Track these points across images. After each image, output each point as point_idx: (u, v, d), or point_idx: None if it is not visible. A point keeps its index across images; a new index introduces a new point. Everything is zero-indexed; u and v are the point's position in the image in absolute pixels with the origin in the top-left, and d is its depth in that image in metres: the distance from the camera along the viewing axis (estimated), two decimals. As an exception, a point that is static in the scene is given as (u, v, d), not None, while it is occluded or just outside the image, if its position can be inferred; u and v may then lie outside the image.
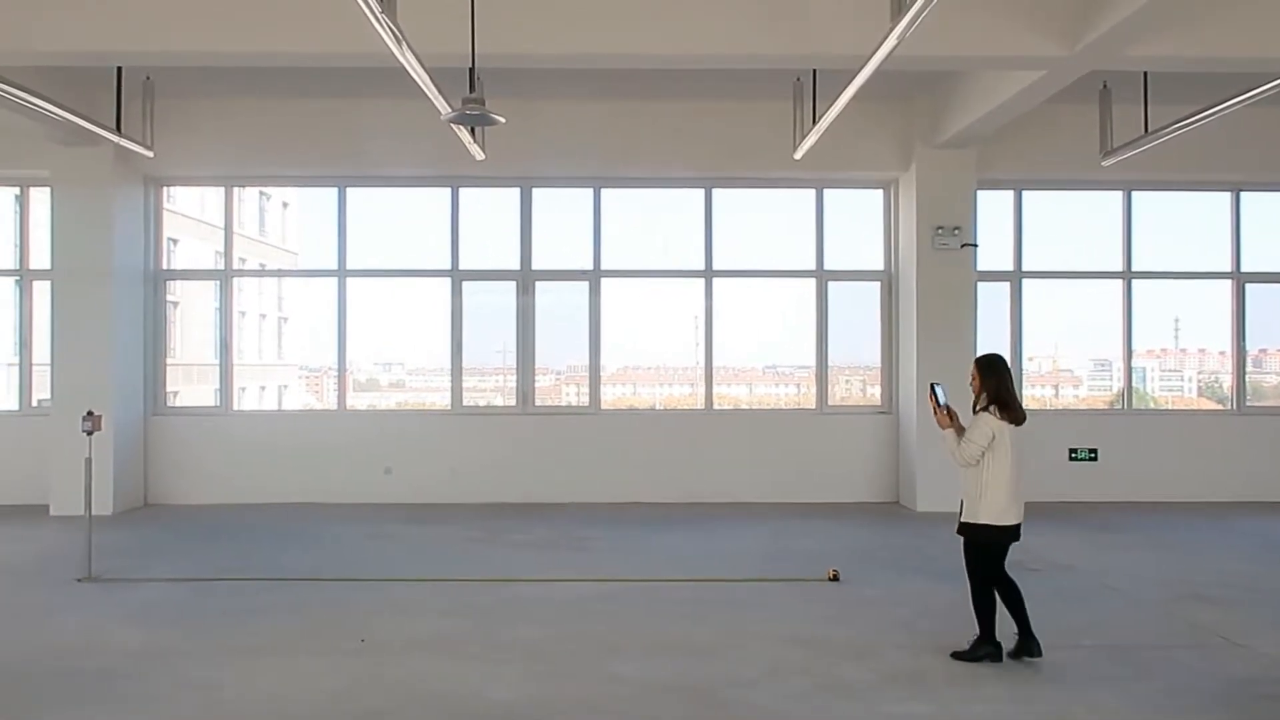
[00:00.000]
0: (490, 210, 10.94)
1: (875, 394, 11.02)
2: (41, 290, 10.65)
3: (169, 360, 10.97)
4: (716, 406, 10.90)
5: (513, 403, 10.81)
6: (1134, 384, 11.25)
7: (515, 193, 10.73)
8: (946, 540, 8.48)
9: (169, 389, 10.97)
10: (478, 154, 8.31)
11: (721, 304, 10.86)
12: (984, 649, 5.17)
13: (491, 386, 11.32)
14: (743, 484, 10.46)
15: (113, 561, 7.47)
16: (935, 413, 5.25)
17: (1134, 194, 10.80)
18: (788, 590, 6.82)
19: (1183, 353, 11.97)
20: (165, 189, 10.93)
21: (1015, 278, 10.75)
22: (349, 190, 10.72)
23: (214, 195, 11.24)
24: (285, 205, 27.29)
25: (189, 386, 12.98)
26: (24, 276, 10.88)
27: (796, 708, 4.56)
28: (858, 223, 11.03)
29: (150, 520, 9.59)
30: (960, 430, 5.22)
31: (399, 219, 11.46)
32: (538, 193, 10.77)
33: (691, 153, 10.24)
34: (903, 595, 6.66)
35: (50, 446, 9.66)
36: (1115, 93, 8.62)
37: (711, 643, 5.56)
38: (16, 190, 11.00)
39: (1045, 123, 9.81)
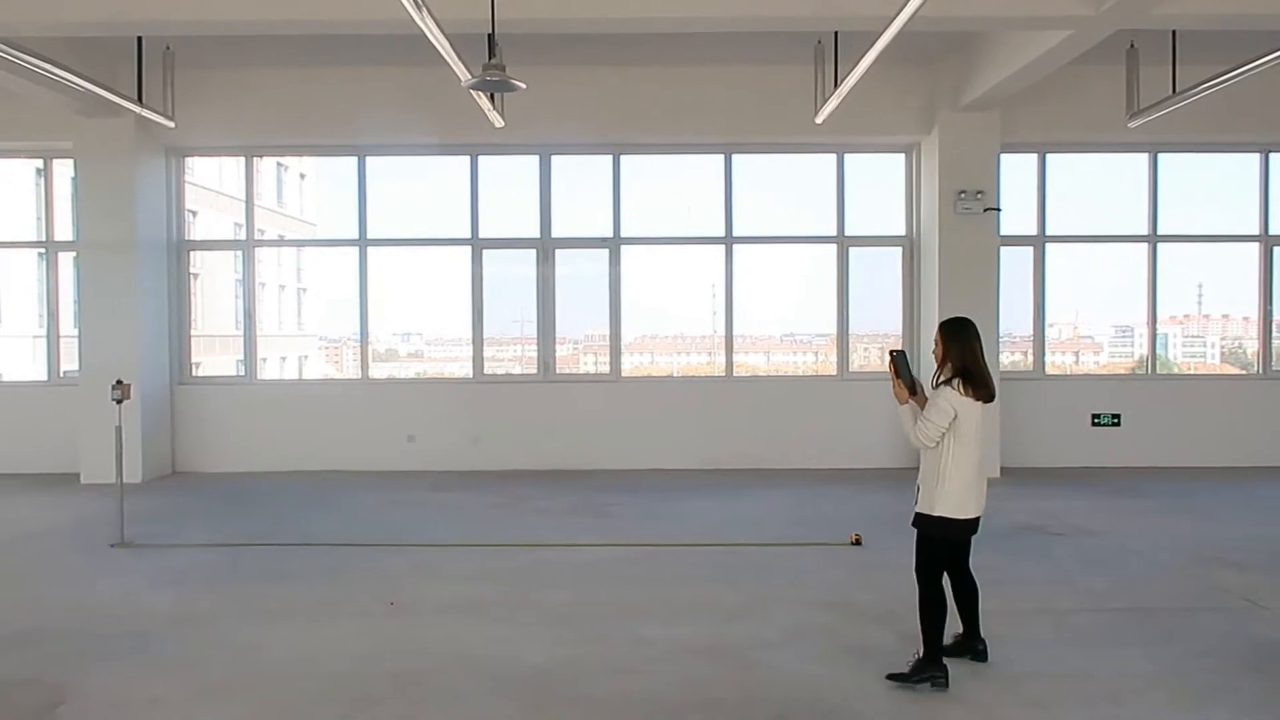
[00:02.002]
0: (509, 178, 10.93)
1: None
2: (66, 262, 10.76)
3: (192, 331, 11.06)
4: (737, 373, 10.92)
5: (533, 371, 10.86)
6: (1156, 351, 11.17)
7: (534, 160, 10.71)
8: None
9: (193, 359, 11.08)
10: (497, 121, 8.29)
11: (741, 271, 10.83)
12: (928, 671, 4.35)
13: (511, 356, 11.37)
14: (764, 450, 10.49)
15: (144, 527, 7.61)
16: (894, 385, 4.56)
17: (1160, 156, 10.66)
18: (810, 554, 6.86)
19: (1205, 319, 11.86)
20: (186, 159, 10.97)
21: (1039, 242, 10.66)
22: (368, 159, 10.72)
23: (232, 167, 11.28)
24: (302, 177, 27.33)
25: (211, 357, 13.10)
26: (49, 248, 10.97)
27: (820, 669, 4.61)
28: (879, 188, 10.95)
29: (179, 487, 9.73)
30: (924, 404, 4.49)
31: (418, 188, 11.47)
32: (557, 160, 10.74)
33: (711, 118, 10.17)
34: (925, 559, 6.67)
35: (79, 416, 9.80)
36: (1142, 53, 8.48)
37: (736, 606, 5.61)
38: (40, 162, 11.08)
39: (1070, 84, 9.67)
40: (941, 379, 4.39)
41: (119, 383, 7.24)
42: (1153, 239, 10.73)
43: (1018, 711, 4.11)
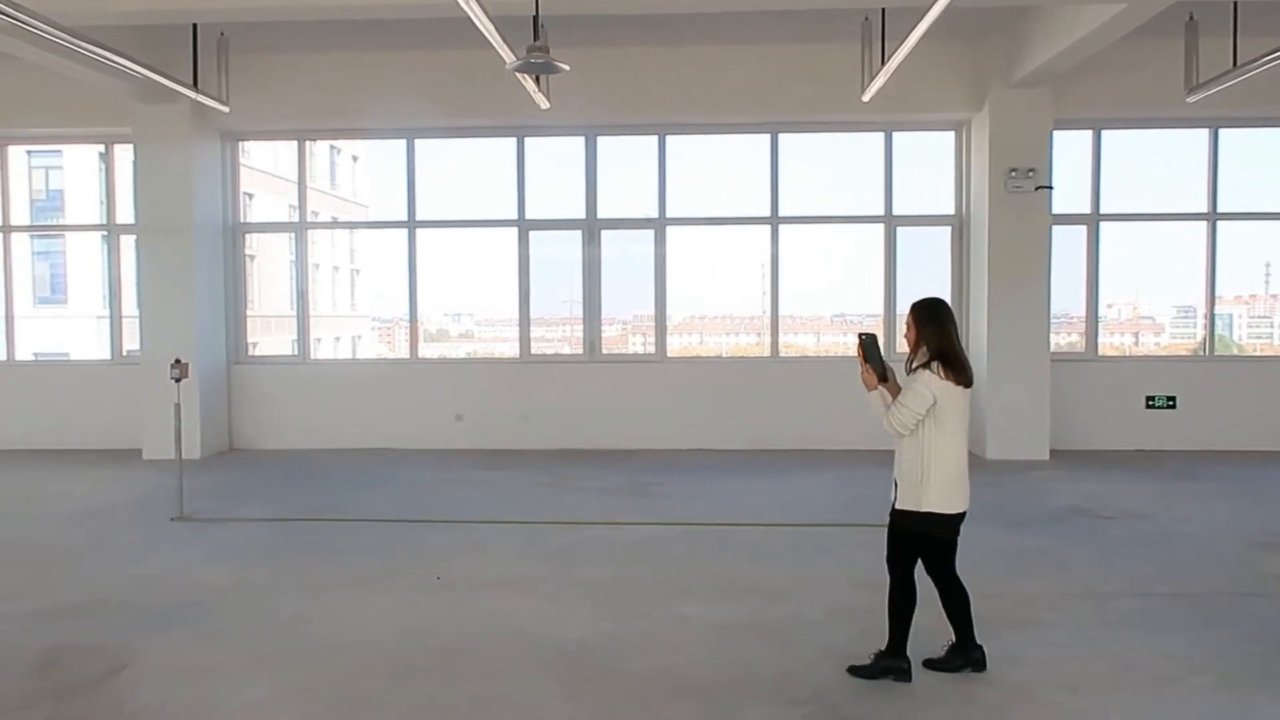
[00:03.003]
0: (556, 159, 10.99)
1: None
2: (128, 244, 11.07)
3: (248, 312, 11.33)
4: (783, 354, 10.89)
5: (580, 351, 10.95)
6: (1220, 331, 10.89)
7: (580, 141, 10.75)
8: (1015, 487, 8.47)
9: (249, 339, 11.36)
10: (542, 103, 8.34)
11: (787, 251, 10.78)
12: (888, 663, 4.21)
13: (559, 336, 11.48)
14: (809, 431, 10.47)
15: (203, 502, 7.86)
16: (861, 370, 4.29)
17: (1221, 131, 10.35)
18: (854, 535, 6.86)
19: (1273, 299, 11.54)
20: (241, 144, 11.20)
21: (1092, 221, 10.43)
22: (417, 142, 10.85)
23: (287, 151, 11.50)
24: (355, 159, 27.71)
25: (268, 337, 13.42)
26: (111, 232, 11.30)
27: (861, 648, 4.61)
28: (928, 166, 10.80)
29: (235, 464, 10.01)
30: (896, 392, 4.23)
31: (466, 170, 11.59)
32: (603, 141, 10.77)
33: (757, 97, 10.11)
34: (968, 541, 6.49)
35: (141, 394, 10.11)
36: (1202, 25, 8.23)
37: (777, 585, 5.65)
38: (102, 147, 11.40)
39: (1126, 58, 9.42)
40: (917, 363, 4.12)
41: (178, 362, 7.47)
42: (1212, 217, 10.44)
43: (1057, 695, 4.10)
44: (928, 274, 10.79)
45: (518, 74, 6.99)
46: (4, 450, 10.70)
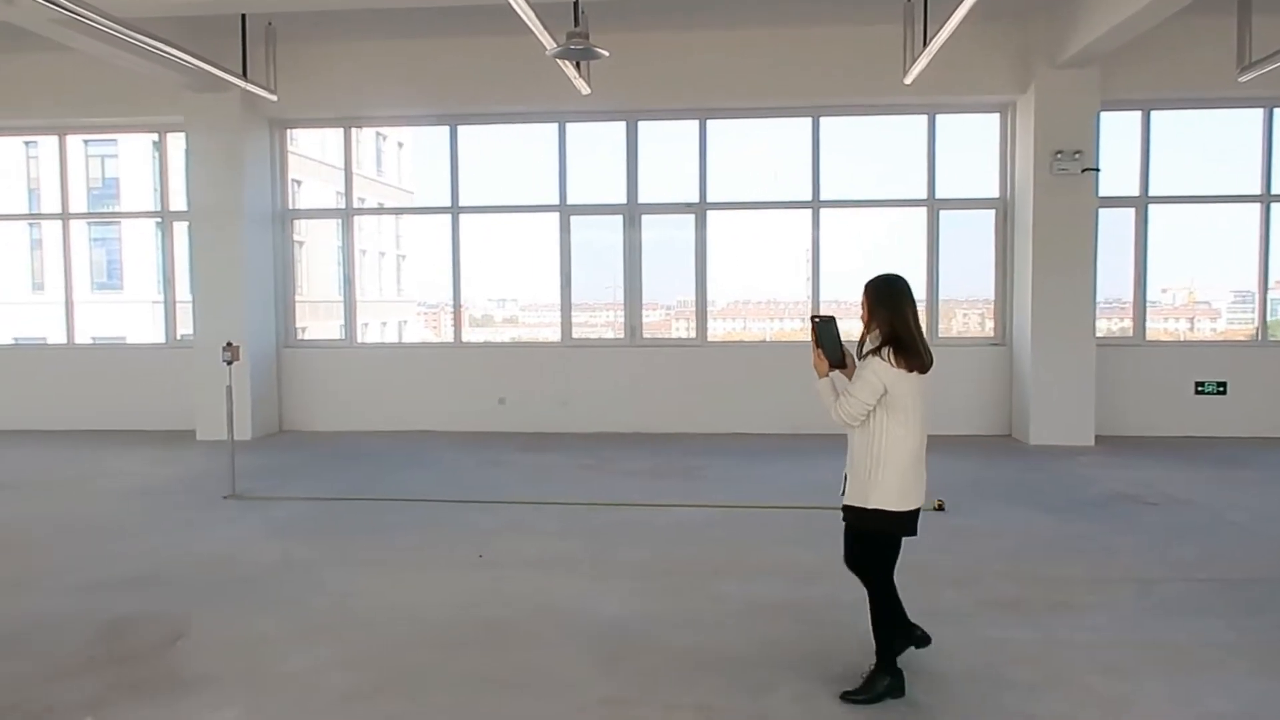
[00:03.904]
0: (597, 144, 11.05)
1: (988, 326, 10.79)
2: (181, 231, 11.35)
3: (297, 297, 11.58)
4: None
5: (621, 336, 11.03)
6: (1275, 316, 10.65)
7: (621, 126, 10.79)
8: (1058, 473, 8.41)
9: (297, 324, 11.60)
10: (583, 89, 8.41)
11: (829, 235, 10.74)
12: (883, 682, 3.90)
13: (603, 321, 11.57)
14: (849, 416, 10.43)
15: (253, 481, 8.08)
16: (813, 355, 3.96)
17: (1275, 111, 10.10)
18: (891, 519, 6.85)
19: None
20: (289, 131, 11.41)
21: (1141, 203, 10.25)
22: (460, 128, 10.97)
23: (334, 138, 11.69)
24: (400, 146, 28.01)
25: (316, 322, 13.69)
26: (165, 218, 11.59)
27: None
28: (971, 149, 10.69)
29: (285, 445, 10.26)
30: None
31: (509, 155, 11.70)
32: (643, 126, 10.80)
33: (798, 80, 10.07)
34: (1008, 526, 6.63)
35: (194, 376, 10.39)
36: (1255, 1, 8.05)
37: (814, 567, 5.68)
38: (155, 136, 11.67)
39: (1176, 37, 9.24)
40: (869, 348, 3.80)
41: (229, 345, 7.68)
42: (1266, 199, 10.21)
43: (1093, 677, 4.10)
44: (971, 258, 10.70)
45: (558, 60, 7.06)
46: (65, 431, 11.08)
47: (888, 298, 3.81)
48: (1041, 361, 9.78)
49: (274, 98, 9.40)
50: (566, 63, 7.62)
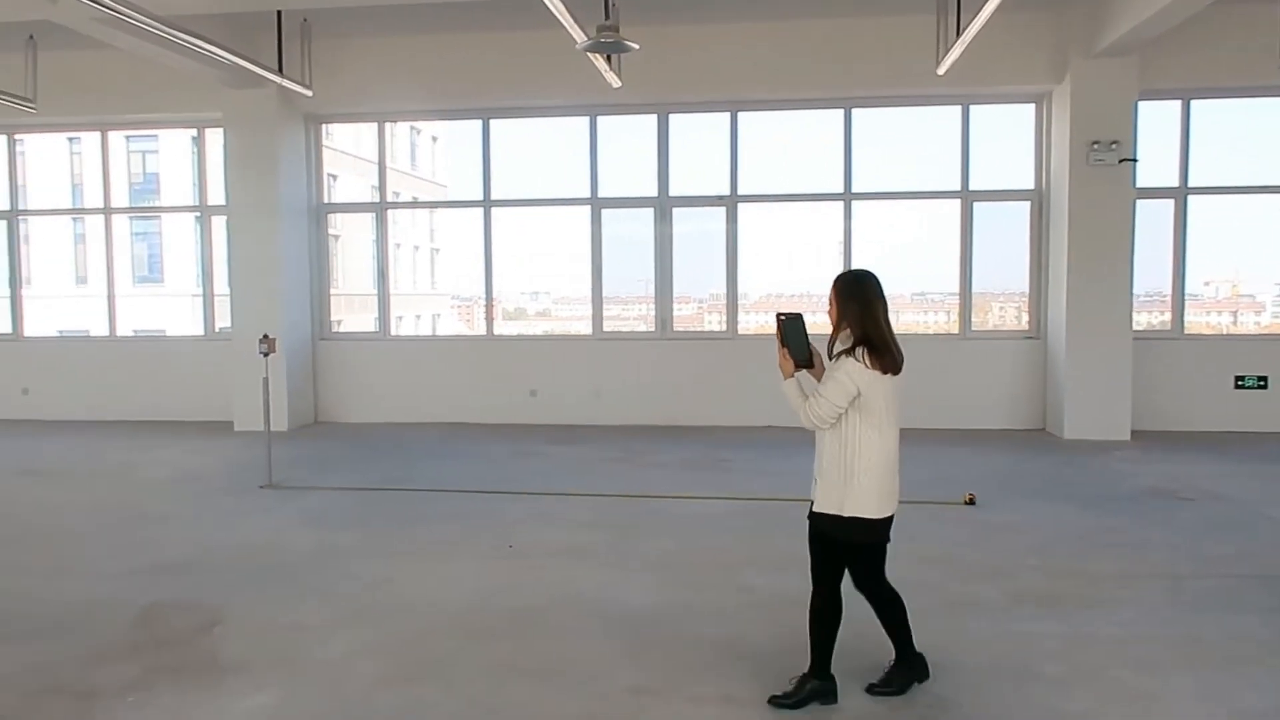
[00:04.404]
0: (628, 137, 11.07)
1: (1024, 319, 10.68)
2: (219, 225, 11.53)
3: (332, 290, 11.72)
4: (855, 332, 10.81)
5: (653, 329, 11.06)
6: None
7: (652, 119, 10.80)
8: (1092, 468, 8.33)
9: (332, 317, 11.76)
10: (614, 82, 8.42)
11: (862, 228, 10.68)
12: (813, 686, 3.76)
13: (635, 314, 11.60)
14: (881, 409, 10.39)
15: (290, 471, 8.22)
16: (778, 354, 3.80)
17: (1321, 100, 9.91)
18: (922, 513, 6.81)
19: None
20: (324, 126, 11.54)
21: (1180, 194, 10.08)
22: (492, 122, 11.04)
23: (368, 132, 11.82)
24: (434, 140, 28.19)
25: (350, 315, 13.86)
26: (204, 213, 11.78)
27: (924, 622, 4.62)
28: (1006, 140, 10.57)
29: (321, 436, 10.41)
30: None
31: (540, 149, 11.76)
32: (674, 118, 10.80)
33: (830, 72, 10.01)
34: (1041, 520, 6.58)
35: (232, 368, 10.57)
36: (1299, -12, 7.90)
37: (841, 559, 5.68)
38: (194, 132, 11.86)
39: (1217, 25, 9.07)
40: (840, 348, 3.63)
41: (265, 337, 7.81)
42: (1309, 189, 10.01)
43: (1124, 673, 4.07)
44: (1005, 250, 10.60)
45: (588, 53, 7.08)
46: (107, 421, 11.32)
47: (858, 295, 3.64)
48: (1077, 355, 9.67)
49: (309, 93, 9.53)
50: (597, 56, 7.65)
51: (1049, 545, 5.98)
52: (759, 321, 11.61)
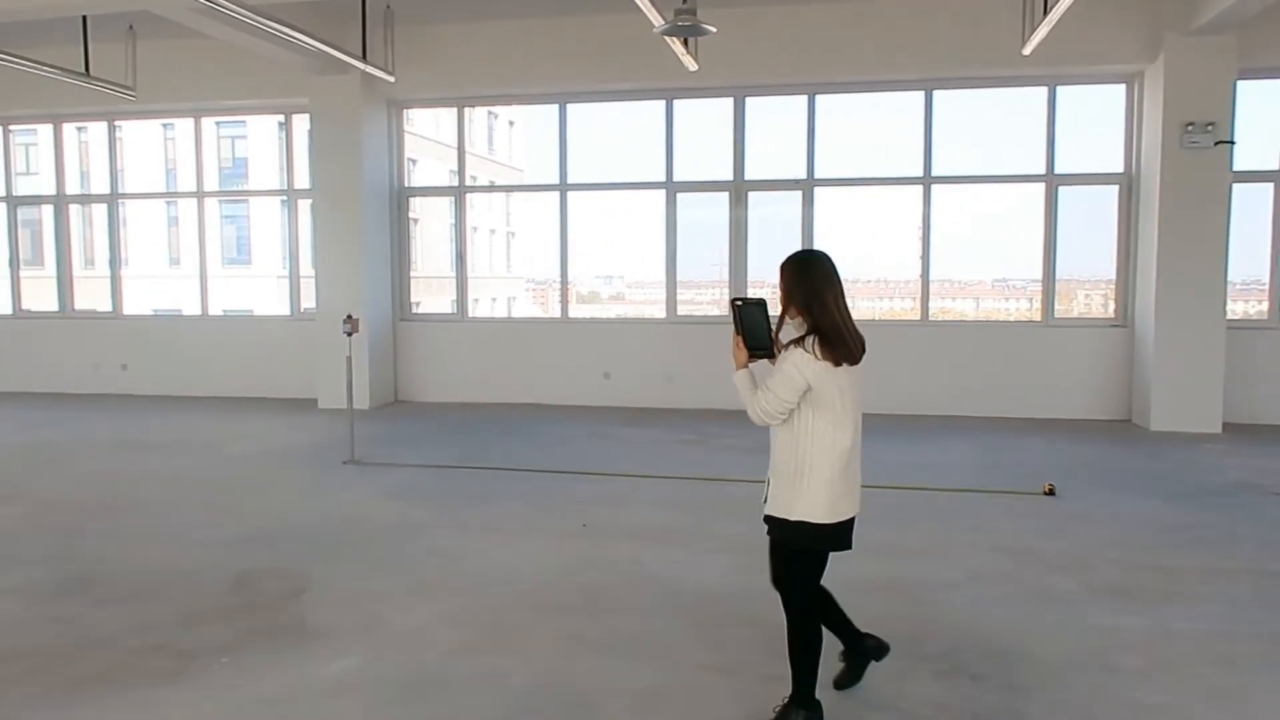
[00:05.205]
0: (704, 121, 11.04)
1: (1109, 307, 10.39)
2: (304, 208, 11.87)
3: (411, 272, 11.98)
4: (936, 318, 10.66)
5: (725, 313, 11.04)
6: None
7: (728, 102, 10.75)
8: (1180, 461, 8.09)
9: (412, 298, 12.02)
10: (691, 65, 8.41)
11: (941, 213, 10.49)
12: (795, 714, 3.41)
13: (709, 299, 11.60)
14: (959, 397, 10.24)
15: (371, 448, 8.46)
16: (733, 343, 3.45)
17: None
18: (999, 502, 6.73)
19: None
20: (405, 111, 11.78)
21: (1280, 178, 9.69)
22: (568, 106, 11.13)
23: (447, 117, 12.02)
24: (511, 124, 28.47)
25: (428, 296, 14.14)
26: (290, 196, 12.14)
27: (996, 611, 4.61)
28: (1093, 122, 10.26)
29: (400, 414, 10.68)
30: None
31: (616, 133, 11.81)
32: (751, 101, 10.74)
33: (912, 53, 9.83)
34: (1123, 512, 6.42)
35: (316, 348, 10.90)
36: None
37: (914, 547, 5.64)
38: (281, 118, 12.22)
39: (1325, -1, 8.65)
40: (791, 338, 3.33)
41: (349, 318, 8.04)
42: None
43: (1204, 668, 3.98)
44: (1091, 236, 10.31)
45: (666, 37, 7.09)
46: (198, 397, 11.79)
47: (805, 279, 3.31)
48: (1166, 344, 9.37)
49: (392, 79, 9.73)
50: (674, 39, 7.65)
51: (1130, 538, 5.84)
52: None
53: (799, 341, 3.27)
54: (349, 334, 7.96)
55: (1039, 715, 3.58)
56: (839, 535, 3.38)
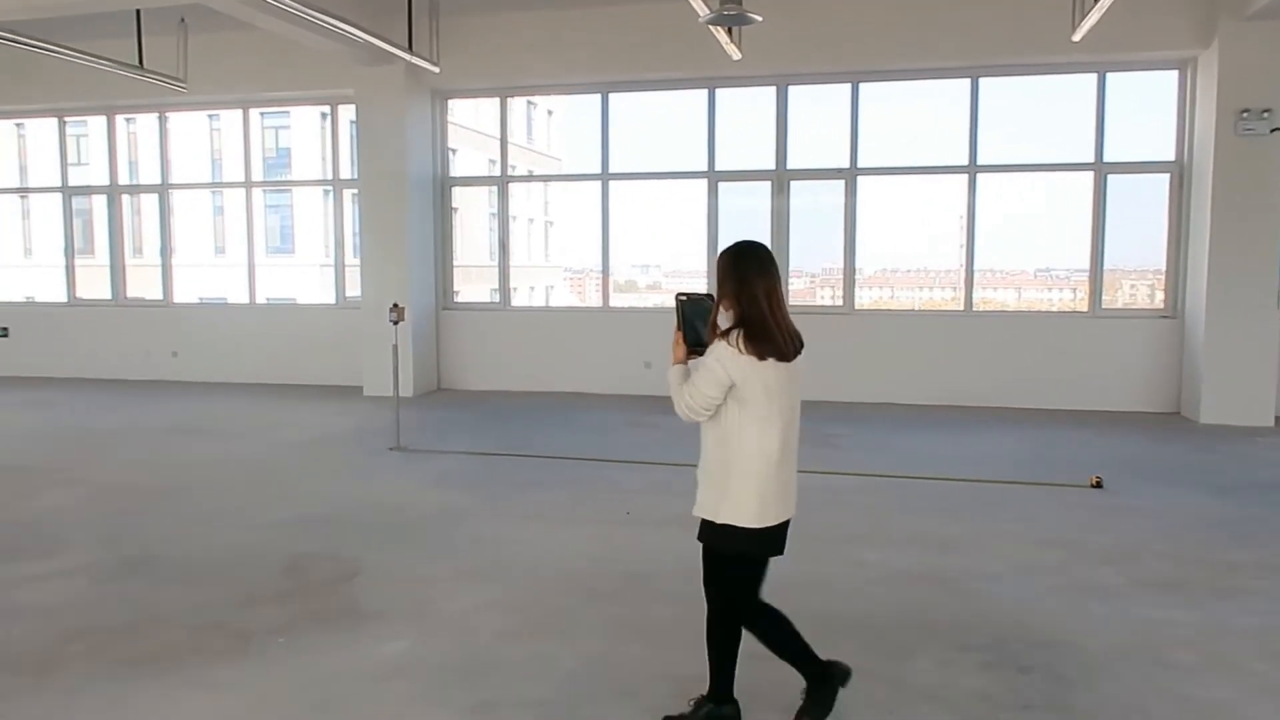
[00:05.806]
0: (746, 110, 11.00)
1: (1157, 297, 10.22)
2: (349, 198, 12.02)
3: (453, 261, 12.09)
4: (980, 309, 10.55)
5: (766, 302, 11.00)
6: None
7: (771, 91, 10.70)
8: (1231, 454, 7.96)
9: (454, 287, 12.13)
10: (734, 54, 8.40)
11: (986, 202, 10.36)
12: (706, 711, 3.38)
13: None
14: (1003, 388, 10.14)
15: (415, 435, 8.57)
16: (674, 338, 3.38)
17: None
18: (1045, 494, 6.68)
19: None
20: (448, 101, 11.86)
21: (1338, 166, 9.43)
22: (610, 95, 11.14)
23: (488, 106, 12.09)
24: (550, 114, 28.54)
25: (469, 285, 14.24)
26: (334, 186, 12.30)
27: (1041, 603, 4.59)
28: (1143, 109, 10.08)
29: (443, 402, 10.80)
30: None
31: (658, 122, 11.80)
32: (793, 90, 10.68)
33: (958, 40, 9.72)
34: (1171, 506, 6.34)
35: (362, 336, 11.05)
36: None
37: (959, 538, 5.62)
38: (326, 108, 12.37)
39: (1388, -18, 8.42)
40: (719, 332, 3.17)
41: (395, 305, 8.15)
42: None
43: (1259, 664, 3.93)
44: (1141, 225, 10.14)
45: (710, 26, 7.09)
46: (246, 384, 12.01)
47: (736, 269, 3.15)
48: (1217, 335, 9.21)
49: (436, 69, 9.81)
50: (719, 29, 7.64)
51: (1179, 531, 5.77)
52: (872, 297, 11.43)
53: (725, 335, 3.13)
54: (395, 323, 8.07)
55: (1089, 707, 3.57)
56: (770, 539, 3.24)
